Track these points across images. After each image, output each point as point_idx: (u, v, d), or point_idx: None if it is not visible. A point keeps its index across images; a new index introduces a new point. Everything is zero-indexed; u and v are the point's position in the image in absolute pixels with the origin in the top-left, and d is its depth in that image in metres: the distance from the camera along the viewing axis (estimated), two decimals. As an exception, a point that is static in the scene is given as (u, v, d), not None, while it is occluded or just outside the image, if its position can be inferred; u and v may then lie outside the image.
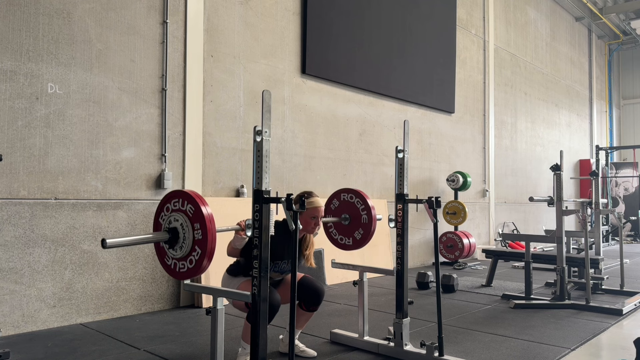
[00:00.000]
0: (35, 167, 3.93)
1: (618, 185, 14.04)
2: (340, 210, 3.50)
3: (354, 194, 3.45)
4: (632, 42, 15.80)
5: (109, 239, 2.04)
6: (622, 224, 5.92)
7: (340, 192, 3.53)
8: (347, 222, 3.47)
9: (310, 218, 3.09)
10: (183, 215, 2.20)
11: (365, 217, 3.39)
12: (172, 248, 2.25)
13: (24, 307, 3.83)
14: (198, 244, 2.16)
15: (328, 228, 3.61)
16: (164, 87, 4.71)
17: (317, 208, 3.09)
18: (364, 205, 3.40)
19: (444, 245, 7.63)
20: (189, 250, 2.19)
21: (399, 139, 7.39)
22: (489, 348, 3.50)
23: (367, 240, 3.41)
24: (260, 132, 2.29)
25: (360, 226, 3.41)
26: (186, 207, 2.20)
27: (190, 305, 4.77)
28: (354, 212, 3.44)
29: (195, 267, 2.18)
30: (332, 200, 3.56)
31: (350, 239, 3.48)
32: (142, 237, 2.29)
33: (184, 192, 2.24)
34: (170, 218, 2.25)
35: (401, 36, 7.53)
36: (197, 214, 2.16)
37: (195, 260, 2.17)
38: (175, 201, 2.25)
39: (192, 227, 2.18)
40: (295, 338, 3.26)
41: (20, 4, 3.87)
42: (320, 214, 3.11)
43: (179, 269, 2.26)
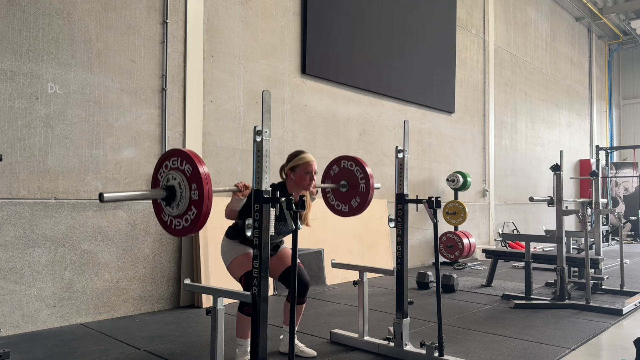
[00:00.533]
0: (35, 167, 3.93)
1: (618, 185, 14.04)
2: (339, 177, 3.51)
3: (353, 161, 3.45)
4: (632, 42, 15.80)
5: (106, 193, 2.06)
6: (622, 224, 5.92)
7: (340, 159, 3.53)
8: (345, 189, 3.48)
9: (304, 174, 3.10)
10: (181, 174, 2.22)
11: (364, 186, 3.39)
12: (169, 205, 2.27)
13: (24, 307, 3.83)
14: (194, 204, 2.18)
15: (326, 194, 3.62)
16: (164, 87, 4.71)
17: (309, 162, 3.11)
18: (362, 174, 3.40)
19: (444, 245, 7.63)
20: (185, 209, 2.21)
21: (399, 139, 7.39)
22: (489, 348, 3.50)
23: (363, 209, 3.42)
24: (260, 132, 2.29)
25: (358, 194, 3.42)
26: (184, 166, 2.22)
27: (190, 305, 4.77)
28: (353, 179, 3.44)
29: (191, 226, 2.20)
30: (332, 166, 3.57)
31: (346, 206, 3.49)
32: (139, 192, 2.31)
33: (183, 151, 2.26)
34: (169, 176, 2.27)
35: (401, 36, 7.53)
36: (195, 174, 2.18)
37: (191, 219, 2.20)
38: (174, 159, 2.27)
39: (189, 187, 2.20)
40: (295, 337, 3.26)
41: (20, 4, 3.87)
42: (314, 169, 3.12)
43: (174, 226, 2.29)
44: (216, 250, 4.80)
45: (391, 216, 3.28)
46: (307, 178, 3.11)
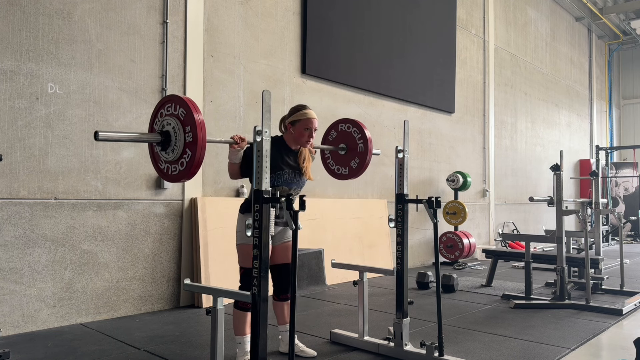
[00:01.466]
0: (35, 167, 3.93)
1: (618, 185, 14.04)
2: (337, 141, 3.53)
3: (351, 123, 3.46)
4: (632, 42, 15.80)
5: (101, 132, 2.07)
6: (622, 224, 5.92)
7: (338, 123, 3.54)
8: (343, 152, 3.49)
9: (304, 129, 3.11)
10: (175, 119, 2.25)
11: (362, 146, 3.40)
12: (164, 150, 2.30)
13: (24, 307, 3.83)
14: (189, 146, 2.20)
15: (325, 159, 3.63)
16: (164, 87, 4.71)
17: (310, 119, 3.12)
18: (360, 135, 3.41)
19: (444, 245, 7.63)
20: (180, 152, 2.23)
21: (399, 139, 7.39)
22: (489, 348, 3.50)
23: (362, 169, 3.42)
24: (260, 132, 2.29)
25: (357, 155, 3.42)
26: (178, 111, 2.24)
27: (190, 305, 4.77)
28: (351, 141, 3.45)
29: (186, 169, 2.22)
30: (330, 131, 3.58)
31: (346, 168, 3.50)
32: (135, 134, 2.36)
33: (177, 96, 2.28)
34: (164, 122, 2.30)
35: (401, 36, 7.53)
36: (189, 118, 2.20)
37: (186, 162, 2.22)
38: (168, 106, 2.30)
39: (183, 130, 2.22)
40: (295, 337, 3.26)
41: (20, 4, 3.87)
42: (314, 126, 3.13)
43: (171, 172, 2.31)
44: (216, 250, 4.81)
45: (391, 216, 3.28)
46: (306, 134, 3.12)
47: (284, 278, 3.18)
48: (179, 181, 2.33)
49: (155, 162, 2.41)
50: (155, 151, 2.38)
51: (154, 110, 2.37)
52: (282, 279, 3.18)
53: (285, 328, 3.28)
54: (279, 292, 3.22)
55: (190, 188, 4.86)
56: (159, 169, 2.39)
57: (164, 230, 4.68)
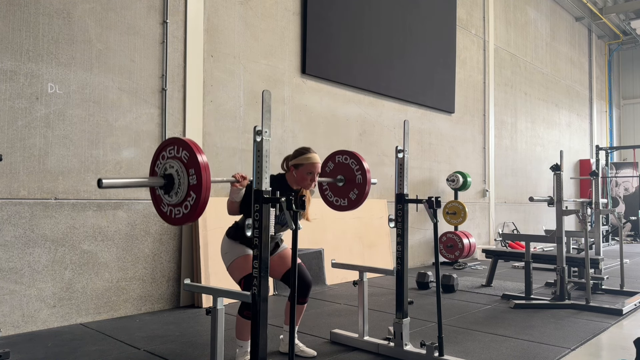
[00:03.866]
0: (35, 167, 3.93)
1: (618, 185, 14.04)
2: (335, 173, 3.52)
3: (348, 155, 3.46)
4: (632, 42, 15.80)
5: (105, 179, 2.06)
6: (622, 224, 5.91)
7: (335, 155, 3.54)
8: (342, 184, 3.48)
9: (306, 174, 3.09)
10: (178, 162, 2.22)
11: (360, 178, 3.39)
12: (167, 194, 2.27)
13: (24, 307, 3.83)
14: (193, 189, 2.18)
15: (323, 190, 3.62)
16: (164, 87, 4.71)
17: (314, 164, 3.10)
18: (358, 166, 3.40)
19: (444, 245, 7.63)
20: (184, 195, 2.20)
21: (399, 139, 7.39)
22: (489, 348, 3.50)
23: (361, 201, 3.41)
24: (260, 132, 2.29)
25: (355, 186, 3.41)
26: (181, 153, 2.22)
27: (190, 305, 4.77)
28: (349, 173, 3.45)
29: (191, 212, 2.19)
30: (327, 163, 3.57)
31: (345, 199, 3.49)
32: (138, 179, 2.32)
33: (179, 139, 2.25)
34: (166, 165, 2.27)
35: (401, 36, 7.53)
36: (192, 160, 2.18)
37: (190, 205, 2.19)
38: (170, 149, 2.27)
39: (187, 173, 2.19)
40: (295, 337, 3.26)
41: (20, 4, 3.87)
42: (317, 170, 3.11)
43: (174, 215, 2.28)
44: (216, 250, 4.80)
45: (391, 216, 3.28)
46: (309, 178, 3.10)
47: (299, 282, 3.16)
48: (183, 224, 2.28)
49: (157, 205, 2.36)
50: (158, 194, 2.33)
51: (155, 153, 2.34)
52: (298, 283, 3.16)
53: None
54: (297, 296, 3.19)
55: (190, 188, 4.86)
56: (161, 212, 2.34)
57: (164, 230, 4.68)
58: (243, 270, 2.96)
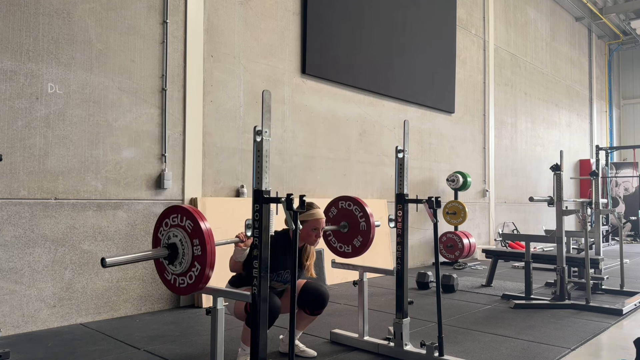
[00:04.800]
0: (35, 167, 3.93)
1: (618, 185, 14.04)
2: (338, 218, 3.49)
3: (352, 201, 3.44)
4: (632, 42, 15.80)
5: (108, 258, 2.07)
6: (622, 224, 5.91)
7: (338, 200, 3.52)
8: (345, 230, 3.46)
9: (311, 230, 3.04)
10: (182, 231, 2.21)
11: (364, 225, 3.38)
12: (171, 264, 2.26)
13: (24, 307, 3.83)
14: (197, 260, 2.17)
15: (327, 236, 3.59)
16: (164, 87, 4.71)
17: (319, 220, 3.05)
18: (362, 213, 3.39)
19: (444, 245, 7.63)
20: (188, 266, 2.20)
21: (399, 139, 7.39)
22: (489, 348, 3.50)
23: (366, 247, 3.40)
24: (260, 132, 2.29)
25: (359, 233, 3.41)
26: (185, 222, 2.21)
27: (190, 305, 4.77)
28: (353, 219, 3.43)
29: (195, 283, 2.18)
30: (330, 208, 3.55)
31: (349, 246, 3.48)
32: (141, 254, 2.29)
33: (182, 207, 2.24)
34: (170, 233, 2.26)
35: (401, 36, 7.52)
36: (196, 230, 2.17)
37: (195, 275, 2.18)
38: (174, 216, 2.26)
39: (191, 243, 2.19)
40: (296, 338, 3.26)
41: (20, 4, 3.87)
42: (322, 226, 3.07)
43: (179, 284, 2.27)
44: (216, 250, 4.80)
45: (391, 216, 3.28)
46: (314, 235, 3.06)
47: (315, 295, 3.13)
48: (188, 294, 2.28)
49: (161, 272, 2.36)
50: (161, 261, 2.33)
51: (158, 220, 2.34)
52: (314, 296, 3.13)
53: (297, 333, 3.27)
54: (313, 309, 3.17)
55: (190, 188, 4.86)
56: (165, 280, 2.33)
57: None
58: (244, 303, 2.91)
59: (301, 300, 3.17)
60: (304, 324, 3.26)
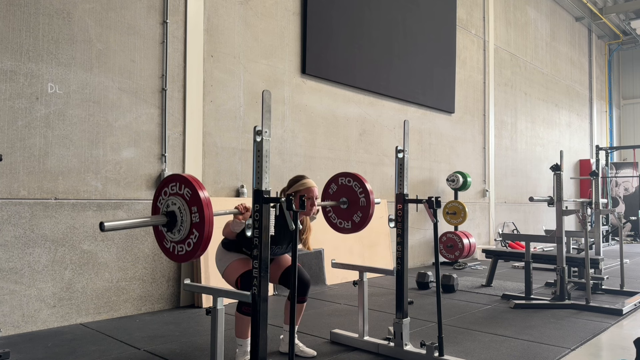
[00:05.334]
0: (35, 167, 3.93)
1: (618, 185, 14.04)
2: (338, 195, 3.50)
3: (352, 177, 3.45)
4: (632, 42, 15.80)
5: (107, 222, 2.07)
6: (622, 224, 5.91)
7: (338, 177, 3.52)
8: (345, 206, 3.47)
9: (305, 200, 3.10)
10: (181, 199, 2.22)
11: (364, 200, 3.39)
12: (170, 231, 2.27)
13: (24, 307, 3.83)
14: (196, 227, 2.18)
15: (327, 212, 3.61)
16: (164, 87, 4.71)
17: (310, 188, 3.11)
18: (362, 189, 3.40)
19: (444, 245, 7.63)
20: (186, 233, 2.21)
21: (399, 139, 7.39)
22: (489, 348, 3.50)
23: (365, 223, 3.41)
24: (260, 132, 2.29)
25: (359, 209, 3.41)
26: (183, 190, 2.22)
27: (190, 305, 4.77)
28: (352, 195, 3.44)
29: (193, 250, 2.20)
30: (331, 184, 3.56)
31: (349, 222, 3.49)
32: (140, 220, 2.32)
33: (181, 176, 2.25)
34: (168, 202, 2.27)
35: (401, 36, 7.53)
36: (195, 198, 2.18)
37: (193, 243, 2.19)
38: (172, 185, 2.27)
39: (189, 211, 2.20)
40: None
41: (20, 4, 3.87)
42: (315, 194, 3.12)
43: (177, 252, 2.28)
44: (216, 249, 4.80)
45: (391, 216, 3.28)
46: (308, 204, 3.09)
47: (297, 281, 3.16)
48: (186, 261, 2.30)
49: (160, 240, 2.37)
50: (160, 230, 2.35)
51: (158, 188, 2.34)
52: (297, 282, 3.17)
53: None
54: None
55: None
56: (164, 248, 2.35)
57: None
58: (238, 270, 2.98)
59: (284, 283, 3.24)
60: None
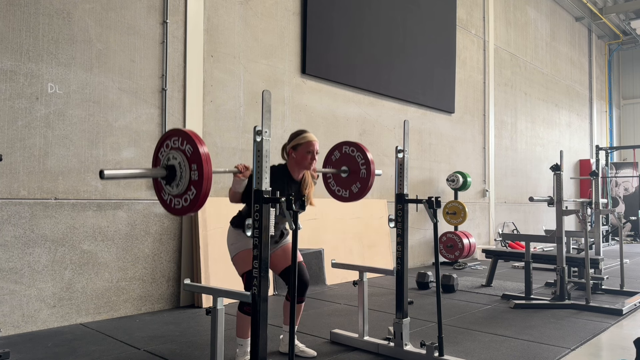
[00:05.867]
0: (35, 167, 3.93)
1: (618, 185, 14.04)
2: (340, 162, 3.51)
3: (355, 147, 3.45)
4: (632, 42, 15.80)
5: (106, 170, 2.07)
6: (622, 224, 5.92)
7: (342, 144, 3.53)
8: (345, 175, 3.48)
9: (305, 153, 3.12)
10: (181, 154, 2.23)
11: (364, 172, 3.39)
12: (168, 184, 2.28)
13: (24, 307, 3.83)
14: (194, 184, 2.19)
15: (327, 179, 3.62)
16: (164, 87, 4.71)
17: (311, 142, 3.13)
18: (364, 160, 3.40)
19: (444, 245, 7.63)
20: (185, 188, 2.22)
21: (399, 139, 7.39)
22: (489, 348, 3.50)
23: (363, 194, 3.42)
24: (260, 132, 2.29)
25: (359, 180, 3.42)
26: (185, 146, 2.23)
27: (190, 305, 4.77)
28: (354, 165, 3.44)
29: (190, 205, 2.21)
30: (334, 151, 3.57)
31: (347, 191, 3.50)
32: (140, 171, 2.35)
33: (184, 131, 2.27)
34: (169, 155, 2.28)
35: (401, 36, 7.53)
36: (195, 155, 2.18)
37: (190, 199, 2.20)
38: (175, 139, 2.28)
39: (189, 167, 2.21)
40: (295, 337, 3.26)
41: (20, 4, 3.87)
42: (315, 148, 3.14)
43: (174, 205, 2.29)
44: (216, 250, 4.81)
45: (391, 216, 3.28)
46: (309, 157, 3.12)
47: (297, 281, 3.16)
48: (183, 215, 2.31)
49: (158, 191, 2.38)
50: (159, 181, 2.36)
51: (159, 141, 2.35)
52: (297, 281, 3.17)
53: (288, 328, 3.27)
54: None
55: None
56: (162, 200, 2.36)
57: (164, 230, 4.68)
58: (247, 265, 2.97)
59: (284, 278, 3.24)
60: None
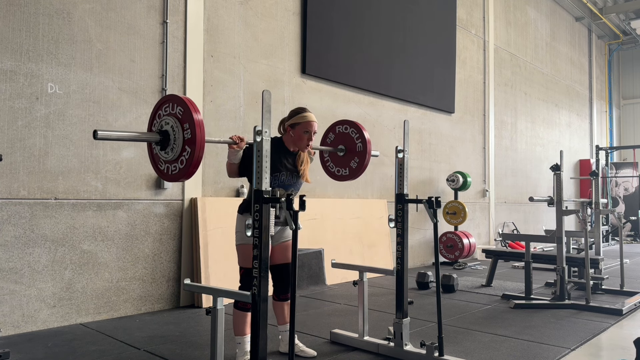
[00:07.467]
0: (35, 167, 3.93)
1: (618, 185, 14.04)
2: (336, 143, 3.53)
3: (349, 124, 3.47)
4: (632, 42, 15.80)
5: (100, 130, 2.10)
6: (622, 224, 5.92)
7: (335, 125, 3.56)
8: (342, 153, 3.50)
9: (303, 132, 3.12)
10: (173, 118, 2.26)
11: (360, 146, 3.41)
12: (163, 150, 2.31)
13: (24, 307, 3.83)
14: (188, 144, 2.21)
15: (325, 162, 3.63)
16: (164, 87, 4.71)
17: (310, 122, 3.13)
18: (358, 134, 3.41)
19: (444, 245, 7.63)
20: (179, 150, 2.24)
21: (399, 139, 7.39)
22: (489, 348, 3.50)
23: (362, 169, 3.42)
24: (260, 132, 2.29)
25: (356, 155, 3.43)
26: (176, 109, 2.26)
27: (190, 305, 4.77)
28: (350, 142, 3.46)
29: (186, 167, 2.23)
30: (328, 133, 3.59)
31: (346, 169, 3.51)
32: (134, 134, 2.39)
33: (175, 96, 2.29)
34: (162, 122, 2.31)
35: (401, 36, 7.53)
36: (187, 115, 2.21)
37: (185, 160, 2.23)
38: (166, 106, 2.31)
39: (182, 128, 2.23)
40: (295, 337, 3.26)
41: (20, 4, 3.87)
42: (313, 129, 3.15)
43: (171, 172, 2.32)
44: (216, 250, 4.81)
45: (391, 216, 3.28)
46: (306, 137, 3.13)
47: (284, 278, 3.18)
48: (179, 180, 2.34)
49: (155, 163, 2.42)
50: (155, 152, 2.39)
51: (153, 111, 2.38)
52: (282, 279, 3.18)
53: (285, 328, 3.28)
54: (279, 293, 3.21)
55: (190, 188, 4.86)
56: (158, 170, 2.40)
57: (164, 230, 4.68)
58: (247, 260, 2.96)
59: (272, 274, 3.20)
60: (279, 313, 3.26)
